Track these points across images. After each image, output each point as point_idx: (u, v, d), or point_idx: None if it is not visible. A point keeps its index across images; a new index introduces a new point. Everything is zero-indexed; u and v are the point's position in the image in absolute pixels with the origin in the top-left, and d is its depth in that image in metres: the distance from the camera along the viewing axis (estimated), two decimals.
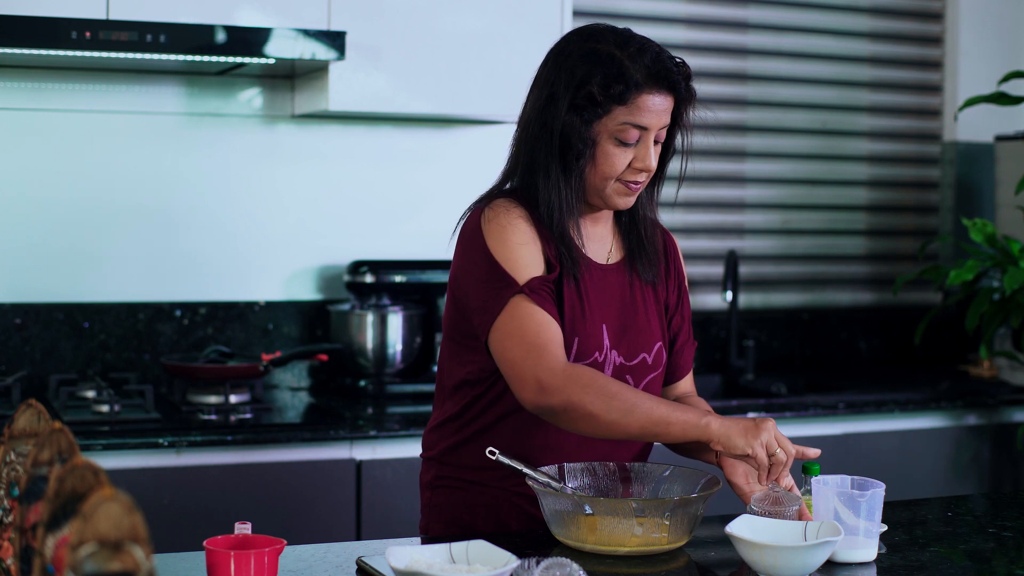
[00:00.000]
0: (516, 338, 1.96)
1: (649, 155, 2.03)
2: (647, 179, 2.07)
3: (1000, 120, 4.16)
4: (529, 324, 1.96)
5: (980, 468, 3.65)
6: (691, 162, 2.15)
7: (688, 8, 4.04)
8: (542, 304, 1.97)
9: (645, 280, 2.15)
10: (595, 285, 2.10)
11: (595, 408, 1.90)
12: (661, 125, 2.04)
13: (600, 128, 2.01)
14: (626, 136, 2.01)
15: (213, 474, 2.87)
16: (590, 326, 2.06)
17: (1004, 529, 2.11)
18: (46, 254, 3.32)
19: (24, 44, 2.90)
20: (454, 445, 2.13)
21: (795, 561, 1.72)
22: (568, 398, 1.90)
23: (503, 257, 2.00)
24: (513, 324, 1.97)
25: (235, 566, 1.65)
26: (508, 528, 2.09)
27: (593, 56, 2.02)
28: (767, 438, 1.93)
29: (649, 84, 2.00)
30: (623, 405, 1.90)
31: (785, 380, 3.84)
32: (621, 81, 1.99)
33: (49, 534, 1.20)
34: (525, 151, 2.07)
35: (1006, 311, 3.58)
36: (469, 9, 3.32)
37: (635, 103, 2.00)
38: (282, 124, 3.51)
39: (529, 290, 1.98)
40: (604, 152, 2.02)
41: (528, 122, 2.07)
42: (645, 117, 2.01)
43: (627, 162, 2.03)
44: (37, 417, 1.51)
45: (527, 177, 2.07)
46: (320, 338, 3.54)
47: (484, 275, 2.01)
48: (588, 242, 2.12)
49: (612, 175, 2.03)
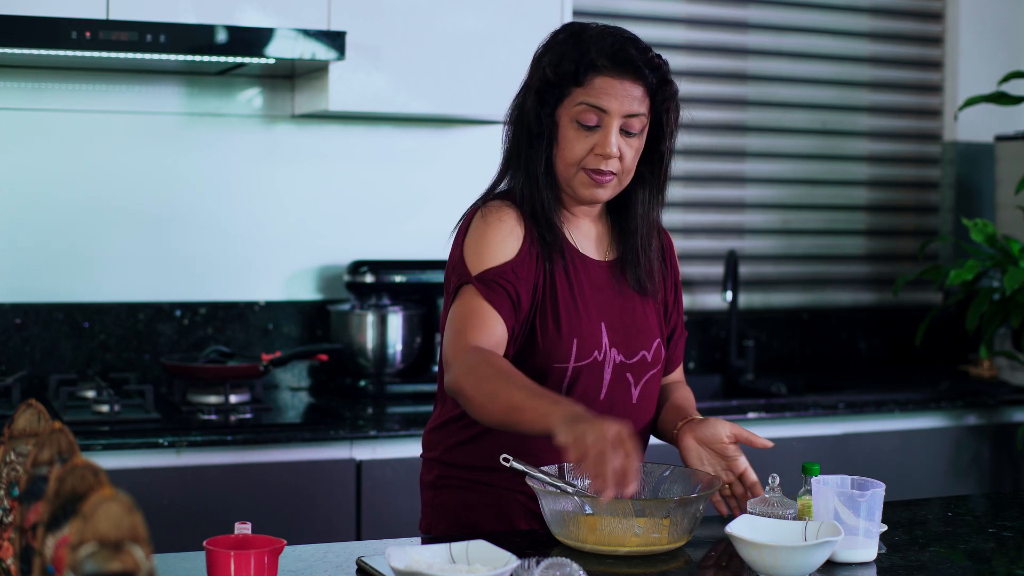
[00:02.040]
0: (451, 325, 1.98)
1: (609, 141, 2.00)
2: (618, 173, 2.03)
3: (1000, 120, 4.16)
4: (463, 311, 1.98)
5: (980, 468, 3.65)
6: (691, 162, 2.15)
7: (688, 8, 4.04)
8: (487, 295, 1.97)
9: (635, 289, 2.14)
10: (591, 282, 2.10)
11: (470, 391, 1.88)
12: (625, 112, 2.00)
13: (561, 111, 2.03)
14: (585, 118, 2.01)
15: (213, 474, 2.87)
16: (588, 325, 2.06)
17: (1004, 529, 2.11)
18: (46, 254, 3.32)
19: (24, 44, 2.90)
20: (456, 445, 2.13)
21: (795, 561, 1.72)
22: (454, 379, 1.90)
23: (470, 251, 2.03)
24: (454, 312, 1.99)
25: (235, 566, 1.65)
26: (514, 526, 2.09)
27: (556, 43, 2.05)
28: (589, 436, 1.67)
29: (608, 67, 1.99)
30: (490, 389, 1.85)
31: (785, 380, 3.84)
32: (572, 60, 2.00)
33: (49, 534, 1.20)
34: (508, 148, 2.11)
35: (1006, 311, 3.58)
36: (469, 9, 3.32)
37: (592, 84, 2.00)
38: (282, 124, 3.51)
39: (478, 281, 1.98)
40: (565, 136, 2.03)
41: (508, 119, 2.11)
42: (603, 99, 2.00)
43: (588, 147, 2.02)
44: (37, 417, 1.51)
45: (511, 173, 2.10)
46: (320, 338, 3.54)
47: (451, 268, 2.06)
48: (582, 238, 2.13)
49: (574, 161, 2.03)
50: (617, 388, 2.09)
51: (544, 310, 2.05)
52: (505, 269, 2.00)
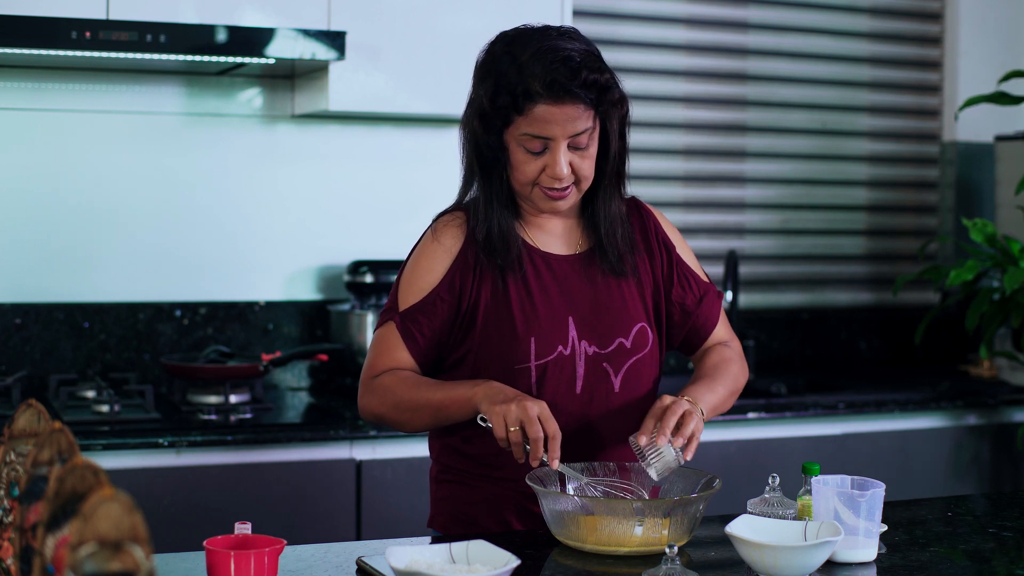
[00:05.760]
0: (369, 356, 2.13)
1: (558, 164, 2.01)
2: (573, 184, 2.04)
3: (1000, 120, 4.16)
4: (378, 346, 2.11)
5: (980, 468, 3.65)
6: (691, 162, 2.15)
7: (688, 8, 4.04)
8: (403, 334, 2.08)
9: (612, 273, 2.14)
10: (557, 278, 2.11)
11: (391, 415, 2.07)
12: (568, 134, 1.99)
13: (508, 136, 2.03)
14: (531, 145, 2.02)
15: (213, 474, 2.87)
16: (548, 322, 2.07)
17: (1004, 529, 2.11)
18: (46, 254, 3.32)
19: (24, 44, 2.90)
20: (453, 443, 2.14)
21: (795, 561, 1.72)
22: (369, 410, 2.09)
23: (404, 278, 2.13)
24: (374, 340, 2.13)
25: (235, 566, 1.65)
26: (508, 523, 2.09)
27: (491, 66, 2.04)
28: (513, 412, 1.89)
29: (544, 94, 1.97)
30: (408, 403, 2.04)
31: (785, 380, 3.84)
32: (507, 91, 1.99)
33: (49, 534, 1.20)
34: (465, 166, 2.13)
35: (1006, 311, 3.58)
36: (469, 9, 3.32)
37: (531, 113, 1.99)
38: (282, 124, 3.51)
39: (400, 319, 2.08)
40: (515, 160, 2.04)
41: (460, 137, 2.12)
42: (545, 128, 1.99)
43: (539, 169, 2.03)
44: (37, 417, 1.51)
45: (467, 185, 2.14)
46: (320, 338, 3.54)
47: (392, 288, 2.16)
48: (547, 236, 2.14)
49: (527, 181, 2.05)
50: (594, 379, 2.09)
51: (499, 316, 2.07)
52: (426, 304, 2.08)
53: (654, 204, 2.32)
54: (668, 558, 1.68)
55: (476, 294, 2.08)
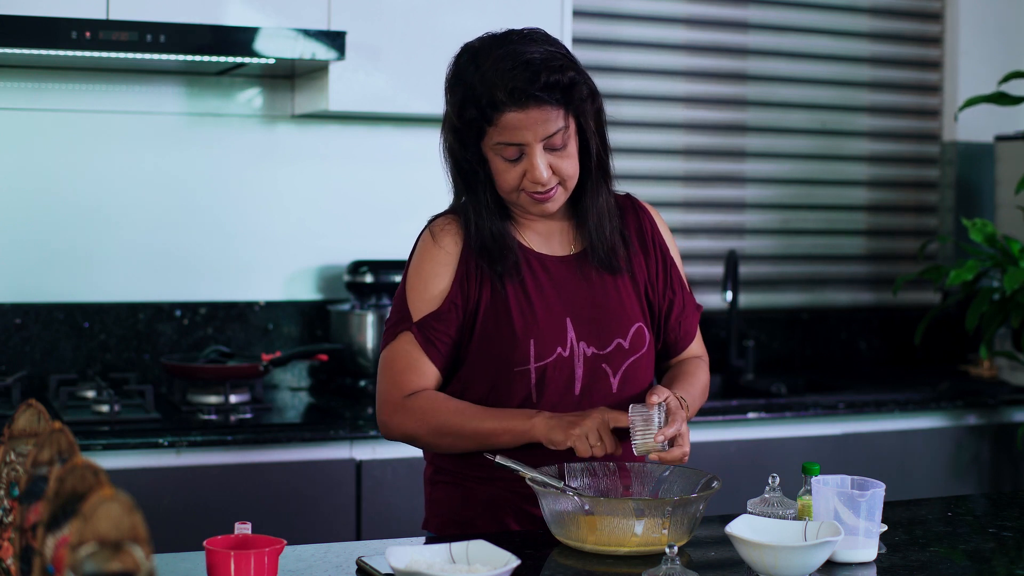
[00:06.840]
0: (387, 369, 2.10)
1: (536, 168, 2.00)
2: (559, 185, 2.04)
3: (1000, 120, 4.16)
4: (400, 361, 2.08)
5: (980, 468, 3.65)
6: (691, 162, 2.15)
7: (688, 8, 4.04)
8: (423, 344, 2.07)
9: (606, 270, 2.14)
10: (554, 280, 2.11)
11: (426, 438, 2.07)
12: (541, 137, 1.99)
13: (484, 146, 2.03)
14: (506, 153, 2.01)
15: (213, 474, 2.87)
16: (547, 324, 2.07)
17: (1004, 529, 2.11)
18: (46, 254, 3.32)
19: (24, 44, 2.90)
20: None
21: (795, 561, 1.72)
22: (401, 430, 2.08)
23: (411, 287, 2.10)
24: (391, 355, 2.09)
25: (235, 566, 1.65)
26: (505, 525, 2.09)
27: (457, 79, 2.03)
28: (581, 430, 1.95)
29: (508, 102, 1.96)
30: (452, 430, 2.04)
31: (785, 380, 3.84)
32: (474, 104, 1.98)
33: (49, 534, 1.20)
34: (451, 178, 2.12)
35: (1006, 311, 3.58)
36: (469, 9, 3.32)
37: (501, 122, 1.98)
38: (282, 124, 3.51)
39: (418, 329, 2.06)
40: (495, 169, 2.04)
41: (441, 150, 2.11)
42: (516, 135, 1.99)
43: (520, 175, 2.02)
44: (37, 417, 1.51)
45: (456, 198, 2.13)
46: (320, 338, 3.54)
47: (396, 299, 2.13)
48: (540, 238, 2.14)
49: (510, 189, 2.04)
50: (593, 380, 2.09)
51: (497, 319, 2.06)
52: (442, 311, 2.06)
53: (654, 204, 2.32)
54: (668, 558, 1.68)
55: (478, 298, 2.08)
